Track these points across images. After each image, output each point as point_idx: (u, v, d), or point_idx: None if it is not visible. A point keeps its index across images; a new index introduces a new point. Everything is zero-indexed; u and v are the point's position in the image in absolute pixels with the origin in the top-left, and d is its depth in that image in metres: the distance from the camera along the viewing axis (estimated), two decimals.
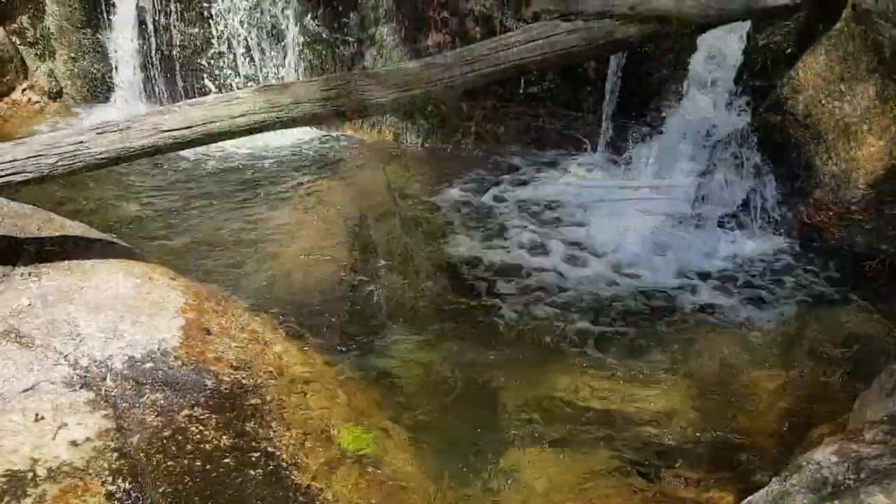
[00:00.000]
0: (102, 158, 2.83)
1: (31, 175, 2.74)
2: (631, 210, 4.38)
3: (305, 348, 3.03)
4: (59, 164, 2.76)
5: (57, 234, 2.96)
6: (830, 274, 3.81)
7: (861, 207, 3.49)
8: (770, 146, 3.91)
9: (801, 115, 3.63)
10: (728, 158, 4.10)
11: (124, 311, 2.65)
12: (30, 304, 2.61)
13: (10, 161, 2.71)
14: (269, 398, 2.56)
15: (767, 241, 4.00)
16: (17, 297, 2.63)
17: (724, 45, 4.33)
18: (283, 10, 5.23)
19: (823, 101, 3.53)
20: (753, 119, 4.08)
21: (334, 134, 5.39)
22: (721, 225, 4.13)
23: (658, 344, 3.44)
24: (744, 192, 4.02)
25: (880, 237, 3.52)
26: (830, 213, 3.59)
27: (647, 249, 4.08)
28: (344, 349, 3.29)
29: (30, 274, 2.74)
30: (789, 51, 4.12)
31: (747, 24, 4.19)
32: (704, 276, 3.91)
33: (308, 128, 5.14)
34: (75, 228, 3.04)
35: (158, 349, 2.55)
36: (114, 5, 5.40)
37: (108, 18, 5.47)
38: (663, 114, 4.70)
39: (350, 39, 5.22)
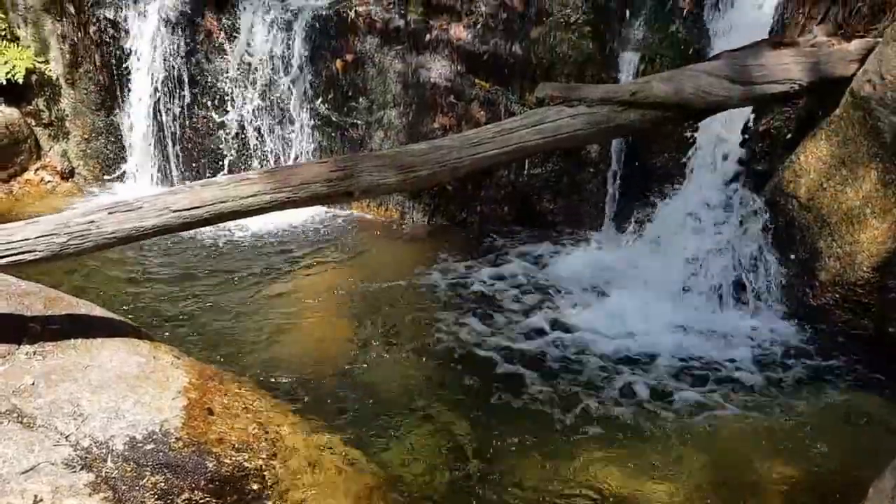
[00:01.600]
0: (113, 238, 2.85)
1: (41, 254, 2.76)
2: (634, 289, 4.37)
3: (308, 430, 2.99)
4: (70, 243, 2.79)
5: (63, 312, 2.96)
6: (838, 357, 3.77)
7: (866, 290, 3.47)
8: (774, 228, 3.92)
9: (804, 198, 3.65)
10: (732, 239, 4.12)
11: (127, 391, 2.63)
12: (33, 383, 2.60)
13: (22, 240, 2.73)
14: (270, 482, 2.51)
15: (773, 323, 3.97)
16: (20, 375, 2.62)
17: (726, 130, 4.41)
18: (293, 94, 5.36)
19: (825, 185, 3.56)
20: (756, 201, 4.11)
21: (341, 212, 5.45)
22: (725, 306, 4.11)
23: (665, 431, 3.38)
24: (748, 273, 4.01)
25: (887, 320, 3.49)
26: (836, 296, 3.58)
27: (651, 330, 4.05)
28: (348, 430, 3.24)
29: (34, 353, 2.73)
30: (790, 136, 4.19)
31: (748, 110, 4.28)
32: (709, 359, 3.87)
33: (316, 206, 5.20)
34: (81, 307, 3.04)
35: (160, 430, 2.52)
36: (129, 88, 5.56)
37: (123, 101, 5.62)
38: (666, 195, 4.75)
39: (358, 122, 5.32)
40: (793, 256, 3.80)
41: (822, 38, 3.83)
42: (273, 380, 3.58)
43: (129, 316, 3.46)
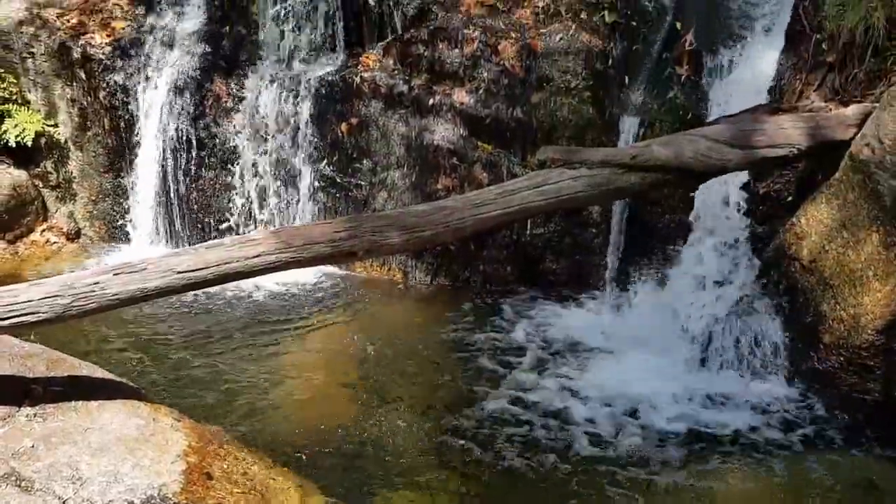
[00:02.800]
0: (117, 300, 2.86)
1: (45, 315, 2.76)
2: (636, 351, 4.35)
3: (308, 497, 2.95)
4: (74, 304, 2.79)
5: (66, 373, 2.95)
6: (845, 421, 3.72)
7: (871, 353, 3.45)
8: (777, 291, 3.92)
9: (806, 260, 3.66)
10: (734, 302, 4.11)
11: (126, 454, 2.61)
12: (32, 446, 2.57)
13: (26, 301, 2.74)
14: None
15: (778, 386, 3.93)
16: (20, 438, 2.60)
17: (727, 193, 4.44)
18: (298, 156, 5.43)
19: (827, 248, 3.57)
20: (759, 264, 4.12)
21: (344, 272, 5.46)
22: (729, 369, 4.08)
23: (675, 496, 3.32)
24: (752, 336, 3.99)
25: (893, 384, 3.46)
26: (841, 359, 3.55)
27: (653, 394, 4.01)
28: (348, 499, 3.18)
29: (35, 415, 2.71)
30: (790, 198, 4.22)
31: (748, 173, 4.32)
32: (713, 422, 3.82)
33: (320, 266, 5.21)
34: (84, 368, 3.04)
35: (158, 494, 2.49)
36: (137, 151, 5.63)
37: (131, 163, 5.70)
38: (668, 257, 4.76)
39: (362, 183, 5.38)
40: (796, 319, 3.79)
41: (820, 104, 3.90)
42: (274, 443, 3.54)
43: (131, 376, 3.44)
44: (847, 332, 3.49)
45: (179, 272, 2.97)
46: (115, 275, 2.88)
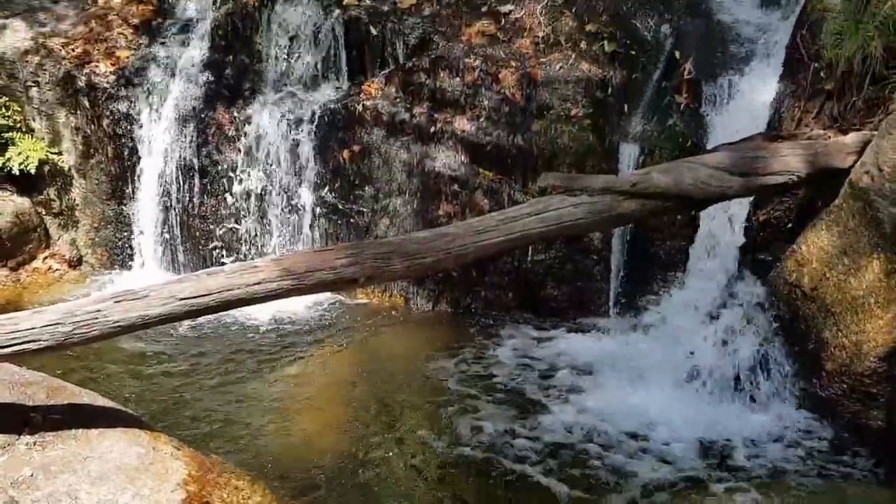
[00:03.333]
0: (118, 327, 2.86)
1: (46, 343, 2.76)
2: (638, 379, 4.33)
3: None
4: (76, 332, 2.80)
5: (66, 401, 2.94)
6: (849, 449, 3.69)
7: (874, 381, 3.43)
8: (779, 318, 3.91)
9: (808, 287, 3.65)
10: (736, 329, 4.10)
11: (126, 483, 2.59)
12: (32, 475, 2.56)
13: (27, 329, 2.74)
14: None
15: (781, 414, 3.91)
16: (19, 467, 2.59)
17: (727, 220, 4.45)
18: (301, 183, 5.46)
19: (828, 275, 3.56)
20: (760, 291, 4.11)
21: (346, 298, 5.45)
22: (732, 397, 4.06)
23: None
24: (755, 363, 3.98)
25: None
26: (844, 386, 3.53)
27: (656, 422, 3.99)
28: None
29: (35, 443, 2.70)
30: (790, 225, 4.22)
31: (748, 200, 4.33)
32: (716, 450, 3.79)
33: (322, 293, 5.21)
34: (84, 396, 3.03)
35: None
36: (140, 178, 5.66)
37: (133, 190, 5.72)
38: (670, 283, 4.76)
39: (364, 210, 5.39)
40: (799, 346, 3.77)
41: (819, 132, 3.92)
42: (274, 472, 3.52)
43: (132, 404, 3.43)
44: (849, 360, 3.47)
45: (181, 299, 2.97)
46: (116, 302, 2.88)
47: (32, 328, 2.75)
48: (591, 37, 5.14)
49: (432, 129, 5.14)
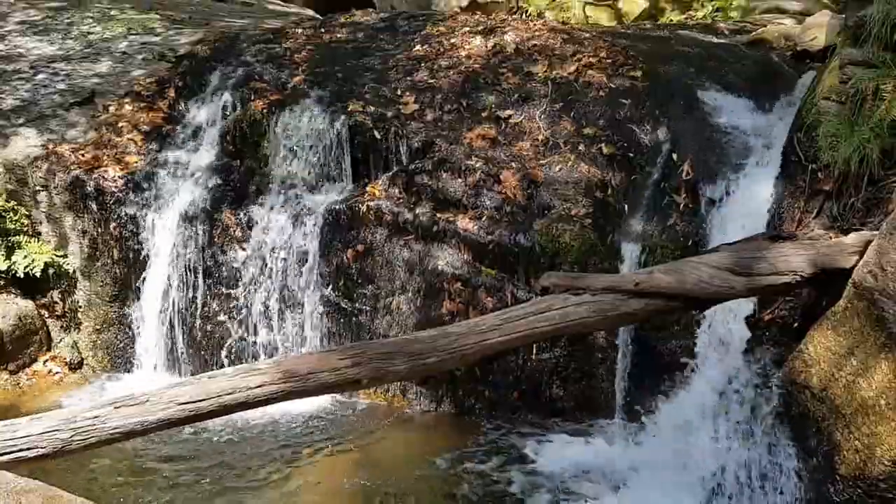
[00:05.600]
0: (118, 433, 2.84)
1: (44, 450, 2.73)
2: (646, 485, 4.21)
3: None
4: (74, 439, 2.77)
5: None
6: None
7: (889, 486, 3.34)
8: (789, 419, 3.85)
9: (817, 388, 3.60)
10: (746, 431, 4.03)
11: None
12: None
13: (25, 436, 2.71)
14: None
15: None
16: None
17: (733, 319, 4.43)
18: (304, 283, 5.47)
19: (837, 376, 3.52)
20: (770, 393, 4.06)
21: (345, 398, 5.37)
22: (745, 502, 3.95)
23: None
24: (765, 467, 3.89)
25: None
26: (859, 491, 3.43)
27: None
28: None
29: None
30: (796, 325, 4.20)
31: (753, 300, 4.32)
32: None
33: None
34: None
35: None
36: (145, 280, 5.69)
37: (137, 292, 5.74)
38: (677, 384, 4.70)
39: (367, 308, 5.39)
40: (811, 449, 3.70)
41: (820, 231, 3.96)
42: None
43: None
44: (863, 463, 3.39)
45: (181, 404, 2.95)
46: (115, 408, 2.87)
47: (30, 435, 2.73)
48: (590, 140, 5.26)
49: (435, 229, 5.20)
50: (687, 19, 9.01)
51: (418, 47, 6.19)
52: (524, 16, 9.98)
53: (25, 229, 5.74)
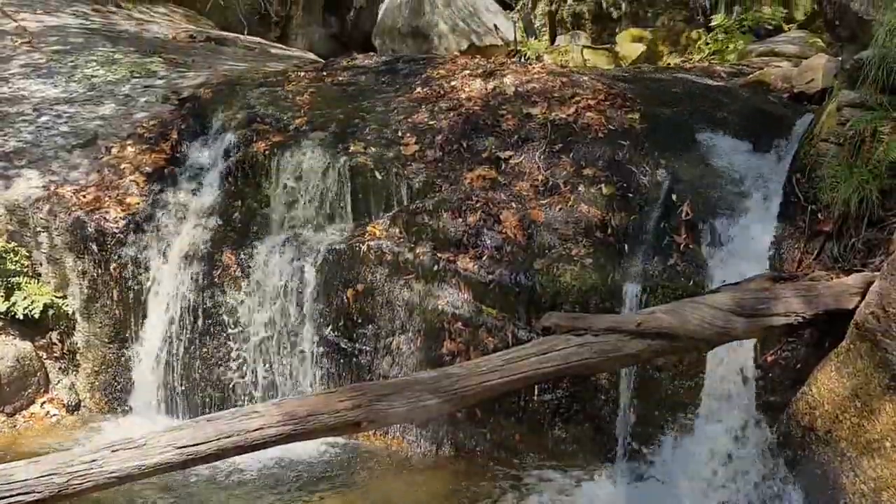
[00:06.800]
0: (115, 478, 2.81)
1: (41, 495, 2.70)
2: None
3: None
4: (71, 483, 2.74)
5: None
6: None
7: None
8: (794, 461, 3.81)
9: (821, 430, 3.58)
10: (751, 475, 3.99)
11: None
12: None
13: (22, 481, 2.68)
14: None
15: None
16: None
17: (735, 361, 4.41)
18: (304, 323, 5.45)
19: (841, 418, 3.50)
20: (774, 436, 4.02)
21: (342, 440, 5.30)
22: None
23: None
24: None
25: None
26: None
27: None
28: None
29: None
30: (799, 366, 4.18)
31: (756, 341, 4.30)
32: None
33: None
34: None
35: None
36: (144, 321, 5.67)
37: (137, 333, 5.71)
38: (680, 425, 4.66)
39: (367, 349, 5.36)
40: (817, 492, 3.65)
41: (821, 272, 3.96)
42: None
43: None
44: None
45: (179, 447, 2.92)
46: (112, 451, 2.84)
47: (26, 480, 2.70)
48: (589, 181, 5.29)
49: (435, 269, 5.20)
50: (684, 62, 9.14)
51: (419, 90, 6.25)
52: (523, 59, 10.13)
53: (25, 270, 5.73)
